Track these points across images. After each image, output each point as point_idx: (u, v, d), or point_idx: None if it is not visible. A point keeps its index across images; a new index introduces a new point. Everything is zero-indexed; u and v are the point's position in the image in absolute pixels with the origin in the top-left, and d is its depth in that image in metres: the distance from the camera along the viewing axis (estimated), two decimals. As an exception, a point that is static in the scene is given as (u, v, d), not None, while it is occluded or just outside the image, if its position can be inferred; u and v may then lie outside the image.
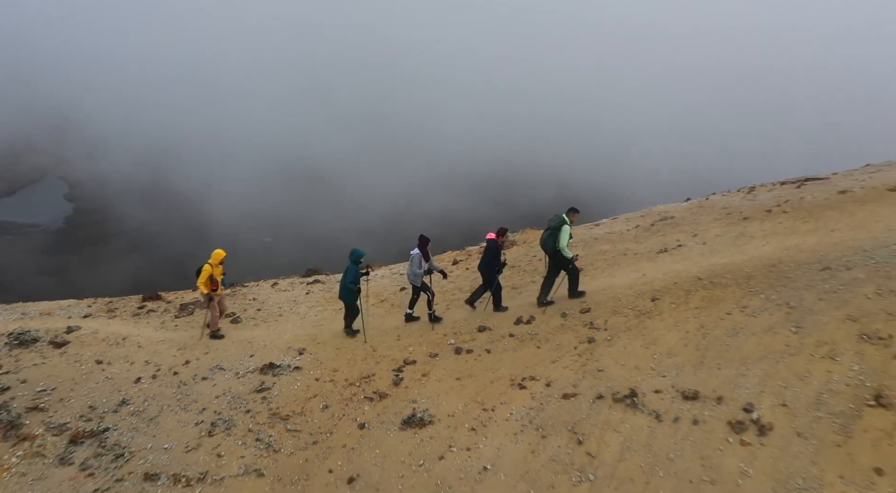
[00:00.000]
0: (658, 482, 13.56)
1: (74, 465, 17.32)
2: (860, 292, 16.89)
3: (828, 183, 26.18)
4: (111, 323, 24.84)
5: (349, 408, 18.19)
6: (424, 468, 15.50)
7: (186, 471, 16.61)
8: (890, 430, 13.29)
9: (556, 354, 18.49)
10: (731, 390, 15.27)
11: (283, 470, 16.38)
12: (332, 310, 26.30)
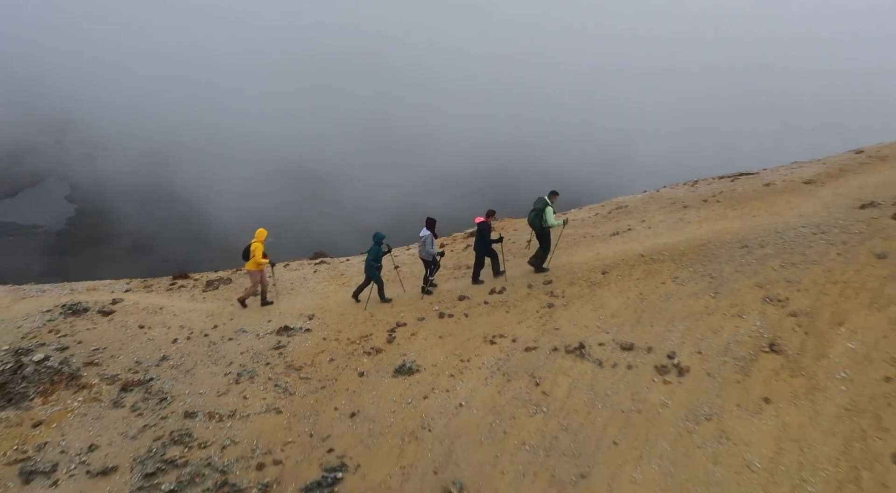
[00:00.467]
0: (597, 413, 15.82)
1: (126, 407, 19.48)
2: (768, 264, 19.14)
3: (757, 177, 28.18)
4: (149, 296, 26.93)
5: (351, 360, 20.35)
6: (412, 406, 17.71)
7: (219, 410, 18.81)
8: (778, 369, 15.56)
9: (521, 317, 20.69)
10: (659, 342, 17.53)
11: (297, 408, 18.57)
12: (335, 285, 28.37)
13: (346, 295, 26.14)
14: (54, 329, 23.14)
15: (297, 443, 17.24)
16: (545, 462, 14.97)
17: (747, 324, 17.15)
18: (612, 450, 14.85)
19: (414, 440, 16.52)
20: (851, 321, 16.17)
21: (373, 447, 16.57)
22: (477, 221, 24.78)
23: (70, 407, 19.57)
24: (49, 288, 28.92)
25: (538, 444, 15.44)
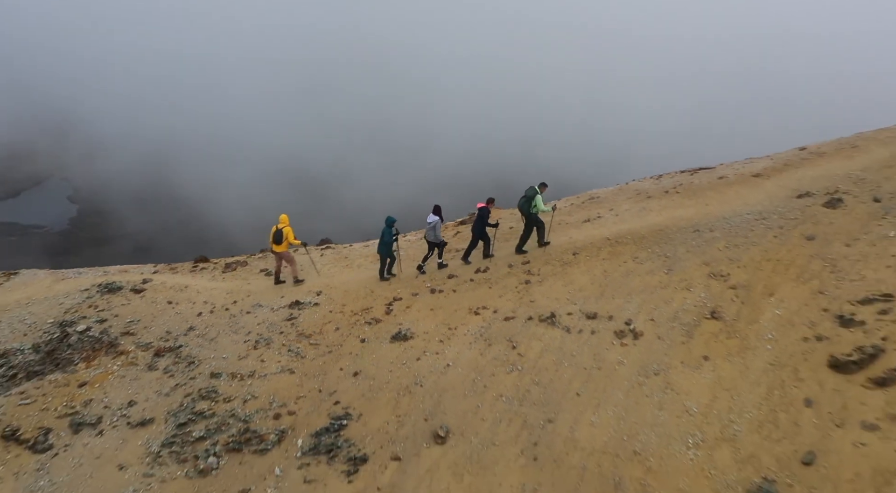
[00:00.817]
0: (563, 370, 17.63)
1: (159, 370, 21.22)
2: (715, 246, 20.90)
3: (713, 171, 29.65)
4: (174, 277, 28.53)
5: (353, 329, 22.03)
6: (406, 366, 19.47)
7: (240, 371, 20.55)
8: (717, 333, 17.38)
9: (502, 291, 22.39)
10: (618, 311, 19.31)
11: (307, 369, 20.31)
12: (340, 267, 29.88)
13: (349, 275, 27.71)
14: (93, 305, 24.81)
15: (308, 397, 19.03)
16: (518, 410, 16.78)
17: (694, 296, 18.95)
18: (575, 400, 16.66)
19: (408, 393, 18.31)
20: (780, 292, 17.99)
21: (373, 399, 18.37)
22: (479, 206, 26.14)
23: (110, 370, 21.30)
24: (84, 271, 30.58)
25: (513, 396, 17.25)
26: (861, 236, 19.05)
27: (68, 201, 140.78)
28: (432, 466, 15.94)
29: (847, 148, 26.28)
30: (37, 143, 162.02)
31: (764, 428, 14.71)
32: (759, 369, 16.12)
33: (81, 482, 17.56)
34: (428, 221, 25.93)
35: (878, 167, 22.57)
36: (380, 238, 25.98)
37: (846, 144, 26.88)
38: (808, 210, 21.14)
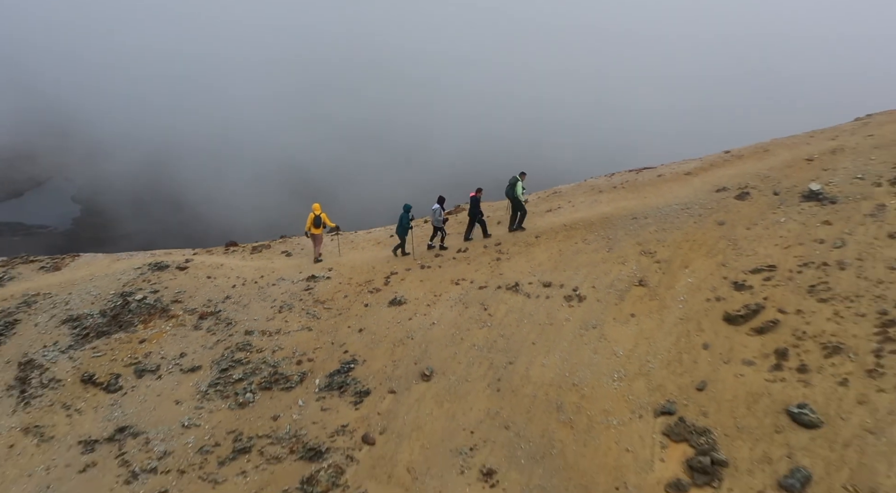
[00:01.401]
0: (523, 325, 20.56)
1: (203, 329, 24.11)
2: (647, 229, 23.77)
3: (654, 170, 31.94)
4: (211, 257, 31.19)
5: (358, 297, 24.84)
6: (400, 324, 22.37)
7: (268, 329, 23.46)
8: (642, 296, 20.30)
9: (477, 266, 25.18)
10: (568, 281, 22.20)
11: (322, 327, 23.21)
12: (347, 249, 32.41)
13: (355, 255, 30.27)
14: (146, 280, 27.59)
15: (323, 348, 21.99)
16: (487, 356, 19.78)
17: (627, 268, 21.88)
18: (531, 348, 19.64)
19: (401, 344, 21.29)
20: (693, 265, 20.94)
21: (374, 349, 21.35)
22: (471, 195, 28.75)
23: (164, 330, 24.24)
24: (135, 253, 33.27)
25: (483, 345, 20.23)
26: (759, 222, 21.95)
27: (71, 201, 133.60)
28: (420, 397, 18.96)
29: (760, 151, 29.05)
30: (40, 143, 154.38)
31: (671, 365, 17.72)
32: (671, 322, 19.10)
33: (147, 412, 20.56)
34: (432, 209, 28.67)
35: (781, 167, 25.44)
36: (398, 222, 28.47)
37: (760, 149, 29.63)
38: (723, 202, 24.00)
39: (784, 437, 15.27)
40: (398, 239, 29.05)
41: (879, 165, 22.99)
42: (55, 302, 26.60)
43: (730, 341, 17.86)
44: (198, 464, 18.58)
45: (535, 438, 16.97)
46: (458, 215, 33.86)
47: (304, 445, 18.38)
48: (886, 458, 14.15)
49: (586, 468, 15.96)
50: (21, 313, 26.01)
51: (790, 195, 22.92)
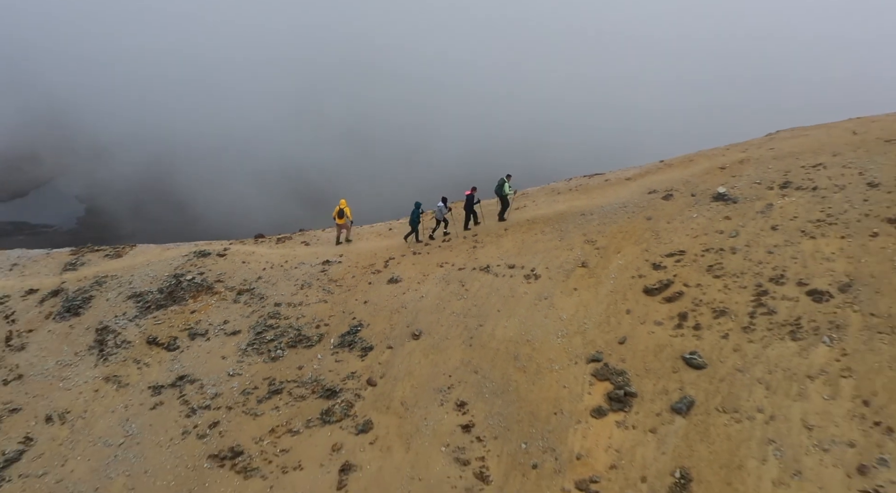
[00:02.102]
0: (491, 297, 23.77)
1: (241, 302, 27.24)
2: (591, 223, 26.94)
3: (603, 176, 35.13)
4: (244, 246, 34.12)
5: (364, 277, 27.84)
6: (396, 297, 25.56)
7: (293, 301, 26.61)
8: (584, 275, 23.49)
9: (458, 253, 28.11)
10: (528, 263, 25.38)
11: (335, 300, 26.36)
12: (354, 239, 35.84)
13: (361, 245, 32.98)
14: (193, 264, 30.63)
15: (336, 315, 25.22)
16: (462, 320, 23.05)
17: (573, 253, 25.11)
18: (496, 314, 22.90)
19: (397, 312, 24.54)
20: (623, 251, 24.20)
21: (376, 316, 24.59)
22: (466, 194, 31.48)
23: (209, 303, 27.44)
24: (182, 244, 36.22)
25: (460, 312, 23.49)
26: (677, 217, 25.22)
27: (76, 201, 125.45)
28: (411, 351, 22.29)
29: (686, 161, 32.18)
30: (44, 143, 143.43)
31: (601, 326, 21.07)
32: (603, 294, 22.42)
33: (200, 365, 23.84)
34: (437, 206, 31.37)
35: (700, 174, 28.67)
36: (411, 216, 31.33)
37: (686, 159, 32.73)
38: (652, 201, 27.22)
39: (678, 376, 18.66)
40: (406, 231, 32.10)
41: (774, 173, 26.30)
42: (121, 282, 29.69)
43: (646, 307, 21.21)
44: (241, 402, 21.93)
45: (497, 379, 20.33)
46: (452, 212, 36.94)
47: (322, 387, 21.74)
48: (748, 388, 17.55)
49: (533, 400, 19.34)
50: (94, 291, 29.10)
51: (703, 196, 26.18)
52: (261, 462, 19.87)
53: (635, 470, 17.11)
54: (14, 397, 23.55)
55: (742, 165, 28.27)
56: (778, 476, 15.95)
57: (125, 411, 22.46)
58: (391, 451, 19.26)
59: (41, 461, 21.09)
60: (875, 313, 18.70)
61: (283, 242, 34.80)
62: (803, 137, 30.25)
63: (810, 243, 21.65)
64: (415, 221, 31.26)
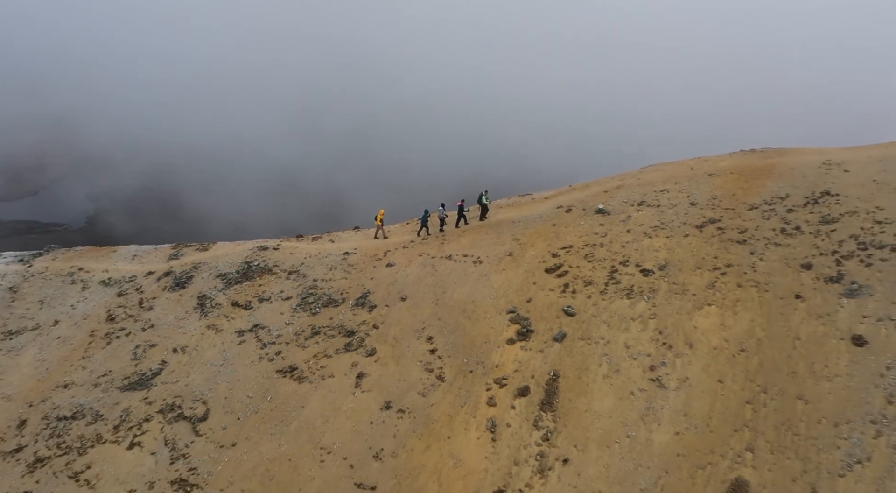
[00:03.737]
0: (451, 275, 29.95)
1: (291, 279, 33.02)
2: (518, 228, 32.86)
3: (531, 196, 41.18)
4: (289, 243, 39.38)
5: (370, 262, 33.05)
6: (392, 275, 31.21)
7: (325, 278, 32.43)
8: (510, 261, 29.59)
9: (432, 246, 33.51)
10: (476, 254, 31.16)
11: (353, 277, 32.17)
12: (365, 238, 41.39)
13: (369, 242, 38.94)
14: (257, 255, 35.94)
15: (353, 287, 31.21)
16: (433, 289, 29.18)
17: (504, 247, 31.14)
18: (453, 285, 29.08)
19: (392, 285, 30.58)
20: (536, 246, 30.42)
21: (378, 287, 30.61)
22: (458, 204, 35.62)
23: (270, 280, 33.29)
24: (246, 242, 41.87)
25: (431, 284, 29.69)
26: (572, 224, 31.44)
27: (87, 200, 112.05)
28: (400, 307, 28.51)
29: (584, 187, 38.31)
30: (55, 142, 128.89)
31: (518, 292, 27.38)
32: (521, 272, 28.68)
33: (267, 317, 29.93)
34: (439, 208, 35.77)
35: (591, 195, 34.78)
36: (421, 218, 36.01)
37: (584, 185, 38.86)
38: (557, 213, 33.21)
39: (559, 320, 25.10)
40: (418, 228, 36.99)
41: (636, 195, 32.61)
42: (210, 267, 35.47)
43: (545, 280, 27.56)
44: (294, 340, 28.18)
45: (452, 324, 26.68)
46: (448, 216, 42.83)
47: (345, 329, 28.04)
48: (597, 326, 24.10)
49: (473, 335, 25.72)
50: (193, 272, 34.93)
51: (589, 210, 32.41)
52: (308, 374, 26.20)
53: (528, 372, 23.60)
54: (151, 338, 29.76)
55: (618, 189, 34.51)
56: (606, 373, 22.50)
57: (221, 345, 28.69)
58: (387, 365, 25.65)
59: (173, 375, 27.38)
60: (675, 282, 25.21)
61: (316, 240, 40.66)
62: (661, 171, 36.43)
63: (648, 241, 28.08)
64: (424, 221, 36.27)
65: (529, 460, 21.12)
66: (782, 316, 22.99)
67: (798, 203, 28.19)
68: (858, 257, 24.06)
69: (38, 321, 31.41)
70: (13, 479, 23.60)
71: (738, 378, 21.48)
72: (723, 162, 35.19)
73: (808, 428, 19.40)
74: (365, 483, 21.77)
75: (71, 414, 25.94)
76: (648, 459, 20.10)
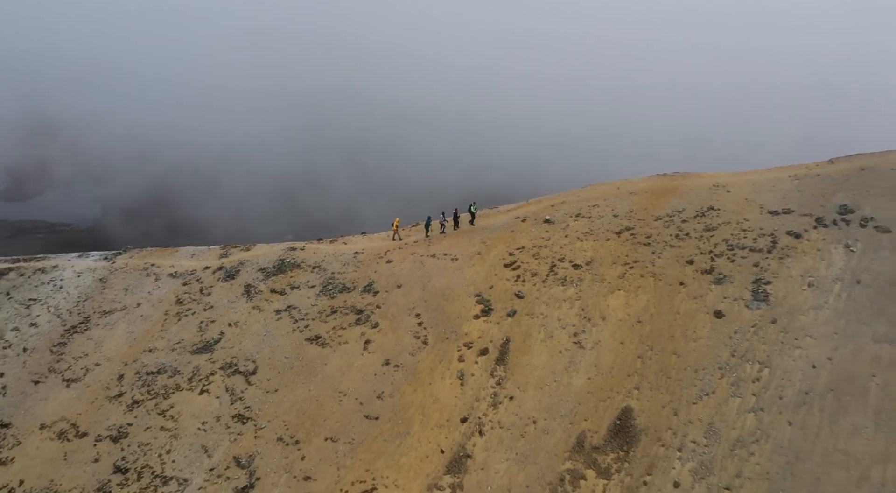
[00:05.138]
0: (434, 269, 34.68)
1: (314, 272, 37.95)
2: (485, 233, 37.39)
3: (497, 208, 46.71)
4: (312, 244, 43.88)
5: (375, 259, 37.64)
6: (390, 269, 35.85)
7: (340, 271, 36.89)
8: (478, 257, 34.54)
9: (421, 248, 38.34)
10: (453, 253, 35.79)
11: (361, 270, 36.62)
12: (368, 240, 46.36)
13: (373, 243, 43.95)
14: (288, 253, 40.25)
15: (361, 278, 35.65)
16: (420, 279, 33.77)
17: (475, 248, 35.79)
18: (436, 276, 33.63)
19: (390, 276, 35.07)
20: (498, 247, 34.92)
21: (380, 278, 35.09)
22: (454, 212, 38.91)
23: (298, 273, 37.89)
24: (278, 244, 46.44)
25: (419, 275, 34.23)
26: (525, 230, 35.99)
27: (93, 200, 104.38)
28: (396, 292, 33.04)
29: (537, 202, 42.97)
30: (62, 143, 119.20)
31: (484, 281, 32.02)
32: (486, 267, 33.28)
33: (297, 300, 34.36)
34: (440, 215, 39.65)
35: (542, 209, 39.30)
36: (426, 223, 39.09)
37: (536, 201, 43.32)
38: (516, 223, 37.53)
39: (512, 301, 29.78)
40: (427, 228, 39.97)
41: (574, 209, 37.19)
42: (252, 263, 39.76)
43: (504, 272, 32.19)
44: (318, 316, 32.73)
45: (434, 304, 31.31)
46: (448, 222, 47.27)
47: (356, 309, 32.62)
48: (538, 306, 28.72)
49: (450, 312, 30.36)
50: (240, 267, 39.19)
51: (539, 220, 36.93)
52: (329, 341, 30.80)
53: (488, 338, 28.28)
54: (211, 316, 34.26)
55: (562, 204, 39.02)
56: (542, 338, 27.21)
57: (264, 321, 33.23)
58: (387, 334, 30.30)
59: (229, 342, 31.94)
60: (596, 274, 29.92)
61: (333, 242, 45.14)
62: (595, 190, 40.85)
63: (579, 243, 32.75)
64: (427, 225, 39.09)
65: (486, 397, 25.88)
66: (669, 298, 27.79)
67: (690, 215, 32.89)
68: (726, 255, 28.88)
69: (125, 304, 35.86)
70: (118, 416, 28.17)
71: (634, 341, 26.29)
72: (641, 183, 39.83)
73: (677, 373, 24.23)
74: (371, 415, 26.48)
75: (156, 370, 30.52)
76: (568, 396, 24.89)
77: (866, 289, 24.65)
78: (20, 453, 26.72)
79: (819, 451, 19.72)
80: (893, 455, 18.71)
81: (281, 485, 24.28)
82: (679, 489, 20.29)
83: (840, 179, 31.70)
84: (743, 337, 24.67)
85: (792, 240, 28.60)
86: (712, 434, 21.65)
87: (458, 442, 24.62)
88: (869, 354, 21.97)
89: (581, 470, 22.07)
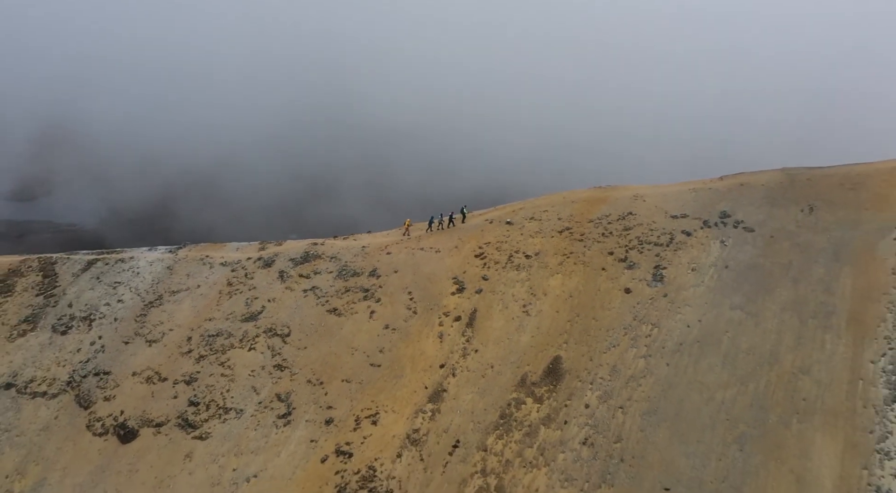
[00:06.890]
0: (422, 259, 38.70)
1: (331, 261, 41.80)
2: (462, 232, 41.86)
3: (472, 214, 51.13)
4: (330, 240, 48.25)
5: (378, 251, 41.69)
6: (389, 259, 39.82)
7: (352, 260, 40.97)
8: (456, 250, 38.71)
9: (413, 243, 42.78)
10: (437, 246, 40.02)
11: (367, 259, 40.43)
12: (373, 236, 50.25)
13: (377, 239, 47.92)
14: (311, 247, 44.35)
15: (368, 265, 39.48)
16: (412, 267, 37.83)
17: (454, 243, 39.91)
18: (424, 264, 37.69)
19: (389, 264, 38.86)
20: (471, 242, 39.22)
21: (382, 266, 38.94)
22: (450, 213, 41.51)
23: (319, 262, 41.97)
24: (303, 240, 50.22)
25: (412, 264, 38.12)
26: (492, 230, 39.99)
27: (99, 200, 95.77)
28: (394, 277, 37.02)
29: (503, 208, 47.12)
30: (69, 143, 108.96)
31: (459, 267, 36.18)
32: (461, 257, 37.36)
33: (319, 283, 38.31)
34: (440, 215, 43.06)
35: (505, 213, 43.35)
36: (429, 220, 41.77)
37: (501, 208, 47.81)
38: (485, 225, 41.75)
39: (481, 282, 33.91)
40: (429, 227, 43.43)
41: (530, 213, 41.09)
42: (283, 255, 43.05)
43: (473, 260, 36.26)
44: (335, 294, 36.71)
45: (422, 285, 35.40)
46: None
47: (364, 288, 36.61)
48: (501, 286, 32.88)
49: (433, 290, 34.47)
50: (275, 257, 42.45)
51: (502, 222, 40.69)
52: (344, 312, 34.84)
53: (461, 309, 32.46)
54: (254, 294, 38.05)
55: (521, 209, 42.92)
56: (500, 309, 31.43)
57: (294, 298, 37.19)
58: (387, 307, 34.41)
59: (269, 313, 35.87)
60: (542, 262, 34.12)
61: (346, 239, 48.86)
62: (547, 199, 44.66)
63: (531, 239, 36.92)
64: (430, 223, 41.58)
65: (458, 350, 30.11)
66: (593, 279, 32.09)
67: (614, 219, 37.11)
68: (637, 248, 33.20)
69: (188, 285, 39.67)
70: (189, 366, 32.15)
71: (566, 310, 30.59)
72: (582, 194, 43.88)
73: (594, 332, 28.56)
74: (375, 363, 30.65)
75: (215, 333, 34.49)
76: (517, 349, 29.16)
77: (731, 272, 29.10)
78: (119, 392, 30.72)
79: (684, 382, 24.13)
80: (732, 383, 23.15)
81: (311, 413, 28.43)
82: (588, 409, 24.66)
83: (724, 191, 36.10)
84: (643, 307, 29.04)
85: (685, 237, 32.99)
86: (615, 373, 26.02)
87: (437, 381, 28.85)
88: (725, 317, 26.43)
89: (523, 398, 26.39)
